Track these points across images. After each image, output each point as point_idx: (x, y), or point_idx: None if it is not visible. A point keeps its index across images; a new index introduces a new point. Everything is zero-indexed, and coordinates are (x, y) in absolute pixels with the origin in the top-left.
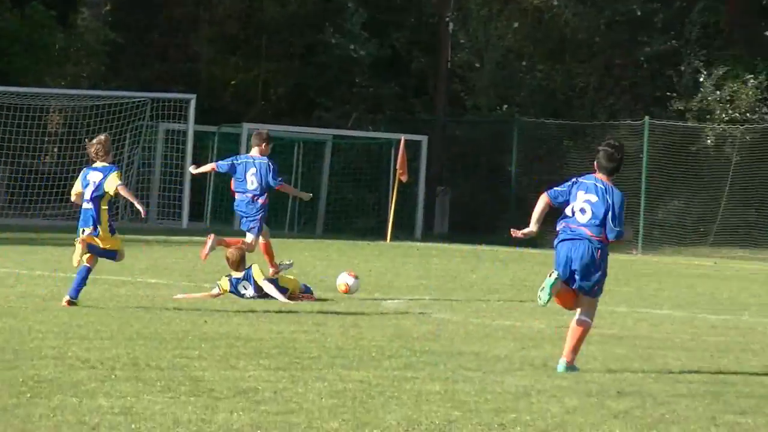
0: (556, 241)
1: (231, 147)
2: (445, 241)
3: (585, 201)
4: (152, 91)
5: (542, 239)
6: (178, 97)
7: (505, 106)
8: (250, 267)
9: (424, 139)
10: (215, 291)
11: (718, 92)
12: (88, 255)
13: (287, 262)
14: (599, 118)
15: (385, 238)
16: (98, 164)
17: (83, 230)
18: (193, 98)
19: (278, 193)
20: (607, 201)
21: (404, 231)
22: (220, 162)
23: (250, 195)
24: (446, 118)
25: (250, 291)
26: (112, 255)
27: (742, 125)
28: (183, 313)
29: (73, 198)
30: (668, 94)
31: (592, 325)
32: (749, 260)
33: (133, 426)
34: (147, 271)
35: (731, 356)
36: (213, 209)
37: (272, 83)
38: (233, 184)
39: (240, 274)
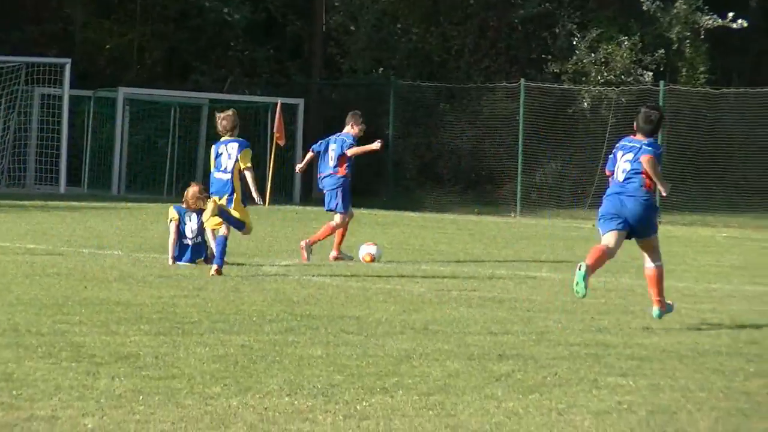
0: (605, 197)
1: (107, 111)
2: (323, 204)
3: (625, 161)
4: (27, 55)
5: (419, 204)
6: (53, 61)
7: (381, 69)
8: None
9: (300, 102)
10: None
11: (593, 54)
12: (220, 221)
13: (349, 255)
14: (475, 80)
15: (263, 203)
16: (228, 137)
17: (217, 198)
18: (68, 62)
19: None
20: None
21: (283, 195)
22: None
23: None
24: (322, 82)
25: (193, 224)
26: (241, 226)
27: (617, 87)
28: (63, 278)
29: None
30: (543, 56)
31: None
32: None
33: (14, 392)
34: (26, 236)
35: (611, 318)
36: (90, 174)
37: (147, 47)
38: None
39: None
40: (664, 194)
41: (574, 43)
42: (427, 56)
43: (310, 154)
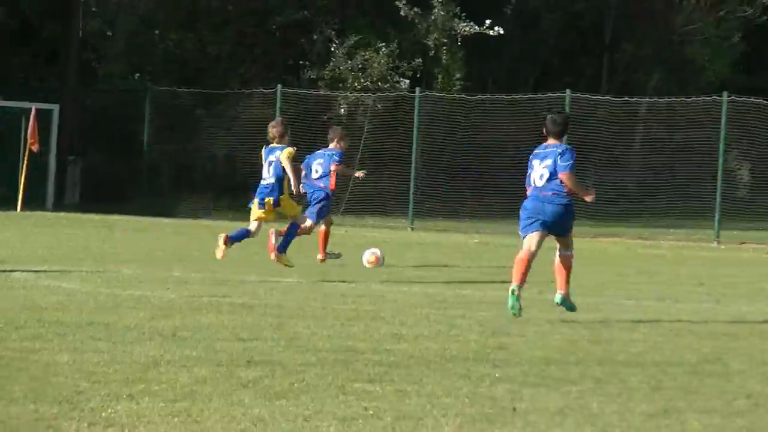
0: (524, 204)
1: None
2: (76, 211)
3: (543, 167)
4: None
5: (174, 209)
6: None
7: (138, 74)
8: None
9: (55, 108)
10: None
11: (350, 61)
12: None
13: (335, 253)
14: (232, 86)
15: (15, 208)
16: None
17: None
18: None
19: None
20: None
21: (35, 201)
22: None
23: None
24: (78, 87)
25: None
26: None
27: (374, 94)
28: None
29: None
30: (301, 62)
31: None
32: (379, 228)
33: None
34: None
35: (361, 324)
36: None
37: None
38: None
39: None
40: (588, 200)
41: (332, 49)
42: (184, 62)
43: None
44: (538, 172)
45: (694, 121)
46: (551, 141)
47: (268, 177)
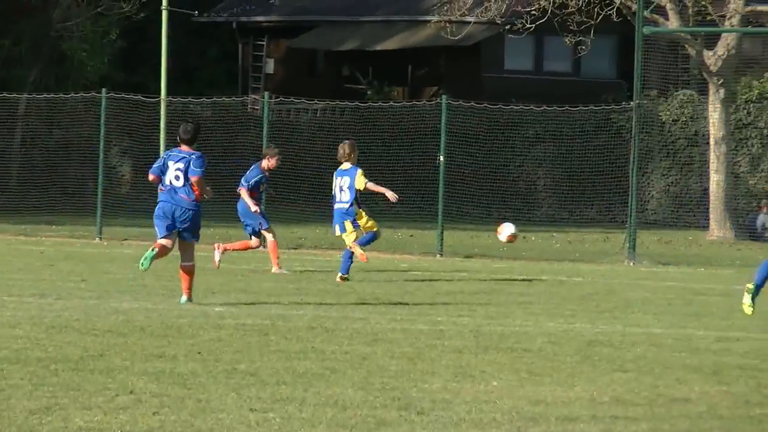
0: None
1: None
2: None
3: (176, 169)
4: None
5: None
6: None
7: None
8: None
9: None
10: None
11: None
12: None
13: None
14: None
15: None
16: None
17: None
18: None
19: None
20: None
21: None
22: None
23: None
24: None
25: None
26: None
27: None
28: None
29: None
30: None
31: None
32: None
33: None
34: None
35: None
36: None
37: None
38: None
39: None
40: (207, 198)
41: None
42: None
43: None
44: (173, 173)
45: (74, 118)
46: (184, 147)
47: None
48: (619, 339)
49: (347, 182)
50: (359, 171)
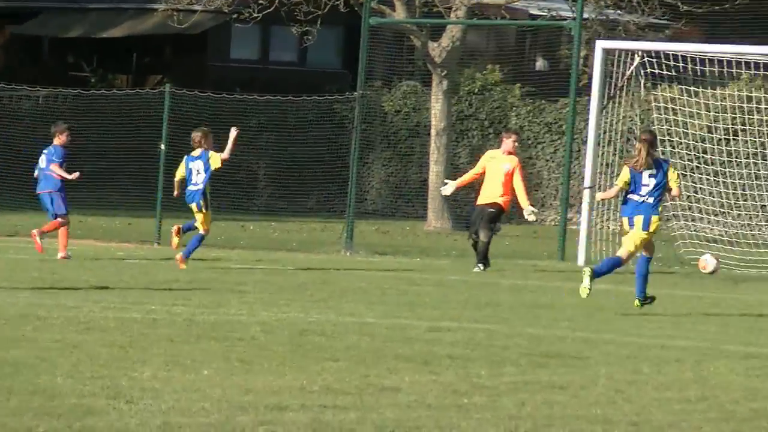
0: None
1: None
2: None
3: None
4: None
5: None
6: None
7: None
8: None
9: None
10: None
11: None
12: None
13: None
14: None
15: None
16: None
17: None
18: None
19: None
20: None
21: None
22: None
23: None
24: None
25: None
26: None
27: None
28: None
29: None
30: None
31: None
32: None
33: None
34: None
35: None
36: None
37: None
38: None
39: None
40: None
41: None
42: None
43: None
44: None
45: None
46: None
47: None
48: (332, 328)
49: (201, 166)
50: (212, 152)
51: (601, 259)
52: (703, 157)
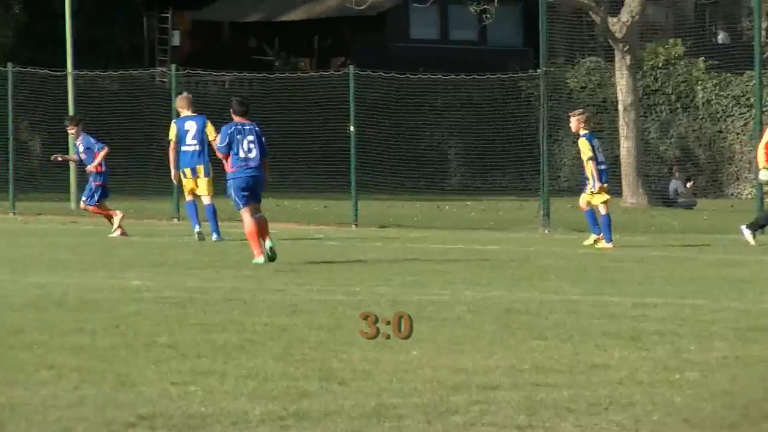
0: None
1: None
2: None
3: (249, 141)
4: None
5: None
6: None
7: None
8: None
9: None
10: None
11: None
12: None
13: None
14: None
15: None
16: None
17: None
18: None
19: None
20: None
21: None
22: None
23: None
24: None
25: None
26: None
27: None
28: None
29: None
30: None
31: None
32: None
33: None
34: None
35: None
36: None
37: None
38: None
39: None
40: None
41: None
42: None
43: None
44: (247, 146)
45: None
46: (241, 119)
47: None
48: (537, 306)
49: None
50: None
51: None
52: None
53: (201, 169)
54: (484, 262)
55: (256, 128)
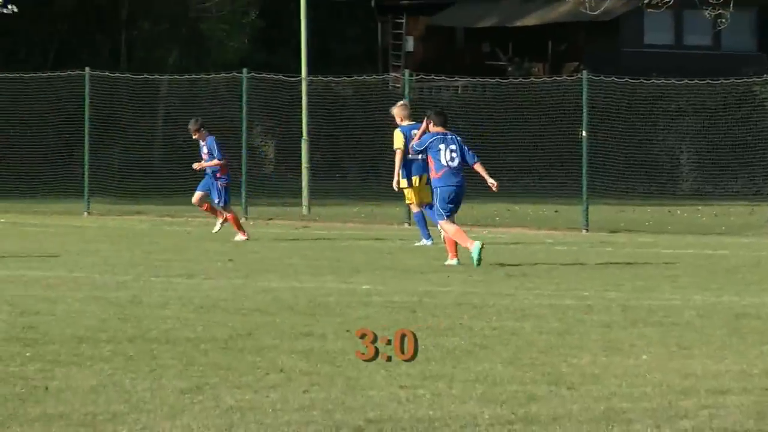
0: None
1: None
2: None
3: (451, 150)
4: None
5: None
6: None
7: None
8: None
9: None
10: None
11: None
12: None
13: None
14: None
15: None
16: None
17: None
18: None
19: None
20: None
21: None
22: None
23: None
24: None
25: None
26: None
27: None
28: None
29: None
30: None
31: None
32: None
33: None
34: None
35: None
36: None
37: None
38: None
39: None
40: None
41: None
42: None
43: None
44: (449, 155)
45: (216, 98)
46: (440, 129)
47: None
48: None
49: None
50: None
51: None
52: None
53: (426, 177)
54: (714, 266)
55: (457, 138)
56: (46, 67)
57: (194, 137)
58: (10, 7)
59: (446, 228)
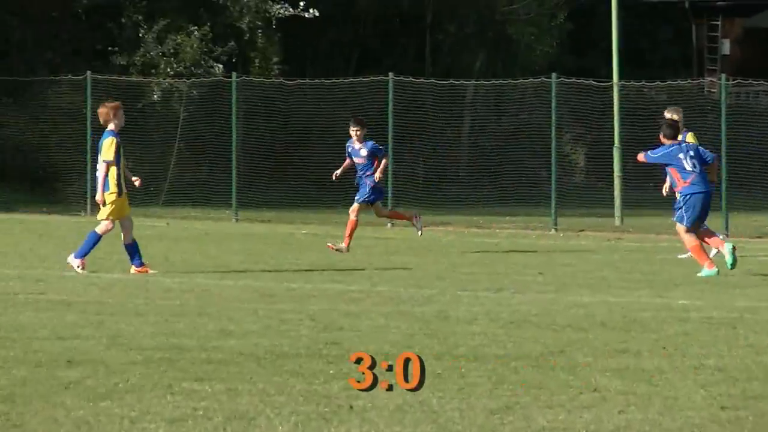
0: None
1: None
2: None
3: (691, 158)
4: None
5: None
6: None
7: None
8: None
9: None
10: None
11: (160, 46)
12: None
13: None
14: (39, 73)
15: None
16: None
17: None
18: None
19: None
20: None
21: None
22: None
23: None
24: None
25: None
26: None
27: (188, 79)
28: None
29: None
30: (110, 48)
31: None
32: (201, 219)
33: None
34: None
35: (186, 320)
36: None
37: None
38: None
39: None
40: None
41: (141, 35)
42: None
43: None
44: (691, 163)
45: (523, 104)
46: (671, 141)
47: None
48: None
49: None
50: None
51: None
52: None
53: None
54: None
55: (698, 147)
56: (348, 72)
57: (357, 135)
58: (311, 11)
59: (685, 238)
